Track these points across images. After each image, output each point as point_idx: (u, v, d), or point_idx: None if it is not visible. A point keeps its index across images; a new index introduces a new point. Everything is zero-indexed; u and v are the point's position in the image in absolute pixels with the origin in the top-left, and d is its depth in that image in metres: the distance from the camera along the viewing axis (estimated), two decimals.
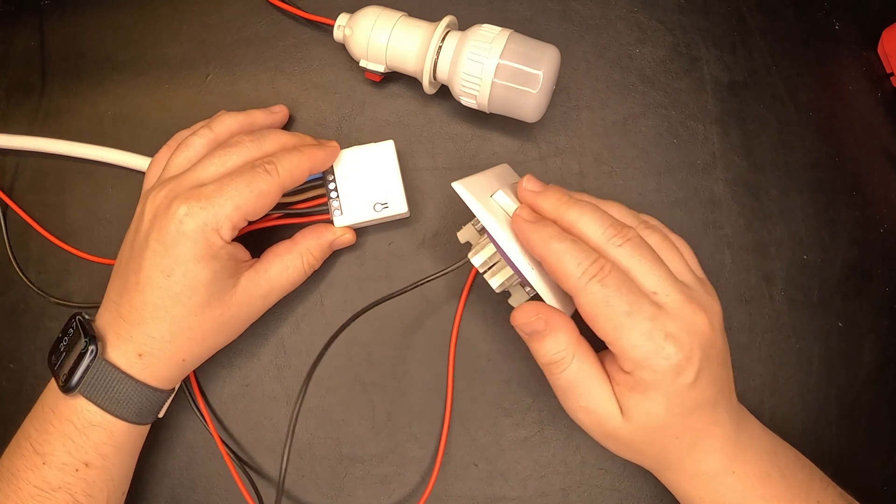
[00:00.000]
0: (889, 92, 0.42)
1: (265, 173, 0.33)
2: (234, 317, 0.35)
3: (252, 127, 0.38)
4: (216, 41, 0.43)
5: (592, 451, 0.39)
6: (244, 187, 0.33)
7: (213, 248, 0.33)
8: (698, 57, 0.42)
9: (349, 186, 0.38)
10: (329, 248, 0.39)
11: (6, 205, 0.43)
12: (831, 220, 0.40)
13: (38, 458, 0.33)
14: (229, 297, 0.34)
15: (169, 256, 0.32)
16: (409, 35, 0.38)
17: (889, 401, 0.39)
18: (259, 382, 0.40)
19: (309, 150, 0.36)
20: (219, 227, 0.33)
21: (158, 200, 0.34)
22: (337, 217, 0.38)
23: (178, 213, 0.32)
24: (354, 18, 0.39)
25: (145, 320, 0.33)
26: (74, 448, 0.33)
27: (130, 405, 0.34)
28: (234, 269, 0.35)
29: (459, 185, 0.33)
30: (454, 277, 0.40)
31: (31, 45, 0.44)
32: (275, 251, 0.37)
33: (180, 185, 0.33)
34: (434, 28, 0.37)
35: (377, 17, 0.38)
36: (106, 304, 0.35)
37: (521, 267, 0.32)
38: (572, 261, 0.30)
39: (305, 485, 0.40)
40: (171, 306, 0.33)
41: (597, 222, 0.31)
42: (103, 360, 0.33)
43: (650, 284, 0.30)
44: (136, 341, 0.33)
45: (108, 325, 0.34)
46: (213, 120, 0.37)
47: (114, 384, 0.33)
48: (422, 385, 0.40)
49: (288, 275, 0.37)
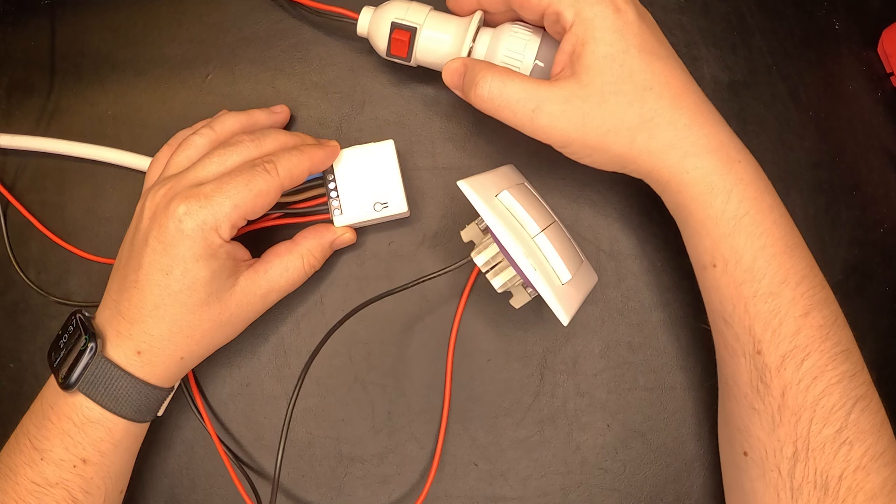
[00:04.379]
0: (889, 92, 0.42)
1: (264, 172, 0.34)
2: (234, 316, 0.35)
3: (253, 127, 0.38)
4: (216, 41, 0.43)
5: (592, 451, 0.39)
6: (243, 186, 0.33)
7: (212, 247, 0.33)
8: (698, 57, 0.42)
9: (349, 186, 0.38)
10: (330, 248, 0.39)
11: (7, 203, 0.43)
12: (831, 220, 0.40)
13: (37, 454, 0.33)
14: (228, 297, 0.34)
15: (168, 255, 0.32)
16: (440, 31, 0.37)
17: (889, 400, 0.39)
18: (259, 382, 0.40)
19: (309, 149, 0.36)
20: (217, 225, 0.33)
21: (158, 199, 0.34)
22: (337, 217, 0.38)
23: (178, 212, 0.32)
24: (380, 12, 0.38)
25: (144, 318, 0.33)
26: (72, 444, 0.33)
27: (129, 402, 0.34)
28: (234, 269, 0.35)
29: (465, 184, 0.33)
30: (455, 277, 0.40)
31: (32, 45, 0.44)
32: (275, 251, 0.37)
33: (179, 183, 0.34)
34: (466, 24, 0.37)
35: (407, 10, 0.37)
36: (105, 302, 0.35)
37: (524, 268, 0.32)
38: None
39: (305, 485, 0.40)
40: (169, 304, 0.33)
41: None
42: (102, 357, 0.33)
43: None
44: (136, 339, 0.33)
45: (108, 323, 0.34)
46: (215, 119, 0.37)
47: (113, 381, 0.33)
48: (422, 385, 0.40)
49: (288, 275, 0.37)
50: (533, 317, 0.40)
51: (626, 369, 0.40)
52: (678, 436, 0.39)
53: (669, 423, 0.39)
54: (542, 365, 0.40)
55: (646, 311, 0.40)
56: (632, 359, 0.40)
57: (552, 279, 0.33)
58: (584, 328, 0.40)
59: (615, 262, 0.40)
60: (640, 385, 0.39)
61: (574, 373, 0.40)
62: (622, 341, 0.40)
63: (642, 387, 0.39)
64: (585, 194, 0.41)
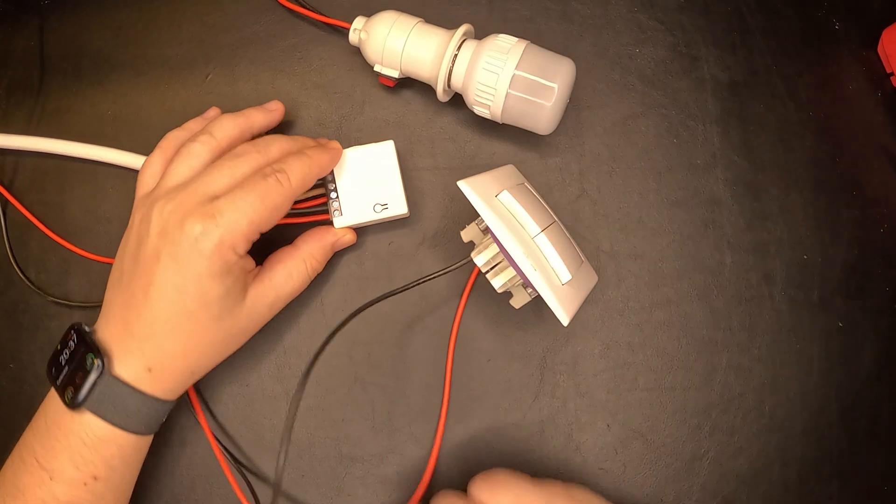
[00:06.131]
0: (889, 92, 0.42)
1: (278, 184, 0.33)
2: (244, 328, 0.35)
3: (251, 128, 0.37)
4: (216, 41, 0.43)
5: (592, 451, 0.39)
6: (259, 202, 0.32)
7: (228, 265, 0.32)
8: (698, 57, 0.42)
9: (349, 187, 0.38)
10: (331, 249, 0.39)
11: (6, 203, 0.43)
12: (831, 220, 0.40)
13: (45, 474, 0.32)
14: (239, 310, 0.34)
15: (181, 273, 0.32)
16: (425, 42, 0.37)
17: (889, 401, 0.39)
18: (259, 382, 0.40)
19: (315, 154, 0.35)
20: (235, 244, 0.32)
21: (167, 214, 0.32)
22: (337, 218, 0.38)
23: (193, 231, 0.31)
24: (371, 23, 0.39)
25: (156, 335, 0.33)
26: (83, 463, 0.32)
27: (139, 418, 0.33)
28: (244, 282, 0.34)
29: (465, 184, 0.33)
30: (455, 277, 0.40)
31: (31, 44, 0.44)
32: (277, 258, 0.37)
33: (189, 198, 0.32)
34: (451, 36, 0.37)
35: (394, 23, 0.38)
36: (108, 317, 0.34)
37: (524, 268, 0.32)
38: None
39: (305, 485, 0.40)
40: (184, 322, 0.32)
41: None
42: (110, 375, 0.32)
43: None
44: (147, 356, 0.33)
45: (114, 339, 0.33)
46: (213, 125, 0.36)
47: (122, 399, 0.32)
48: (422, 385, 0.40)
49: (292, 281, 0.37)
50: (533, 317, 0.40)
51: (626, 369, 0.40)
52: (678, 436, 0.39)
53: (669, 423, 0.39)
54: (542, 365, 0.40)
55: (646, 311, 0.40)
56: (632, 359, 0.40)
57: (552, 279, 0.33)
58: (584, 328, 0.40)
59: (615, 262, 0.40)
60: (640, 385, 0.39)
61: (574, 373, 0.40)
62: (622, 341, 0.40)
63: (642, 387, 0.39)
64: (585, 194, 0.41)
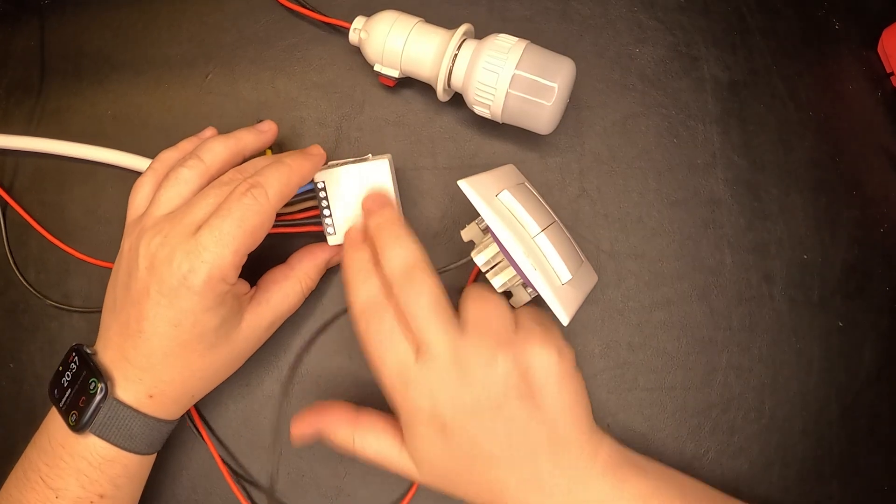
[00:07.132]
0: (889, 92, 0.42)
1: (255, 202, 0.32)
2: (242, 350, 0.36)
3: (242, 151, 0.36)
4: (216, 41, 0.43)
5: None
6: (238, 230, 0.32)
7: (221, 296, 0.32)
8: (698, 57, 0.42)
9: (342, 206, 0.37)
10: (325, 267, 0.39)
11: (6, 204, 0.43)
12: (831, 220, 0.40)
13: (51, 493, 0.33)
14: (236, 335, 0.34)
15: (174, 308, 0.32)
16: (425, 41, 0.37)
17: (889, 401, 0.39)
18: (258, 382, 0.40)
19: (294, 161, 0.34)
20: (224, 276, 0.32)
21: (154, 248, 0.32)
22: (330, 236, 0.38)
23: (181, 269, 0.31)
24: (370, 22, 0.39)
25: (154, 366, 0.33)
26: (89, 482, 0.33)
27: (143, 439, 0.34)
28: (239, 307, 0.34)
29: (465, 183, 0.33)
30: (455, 277, 0.40)
31: (31, 44, 0.44)
32: (272, 278, 0.37)
33: (175, 230, 0.32)
34: (451, 35, 0.37)
35: (394, 22, 0.38)
36: (106, 341, 0.34)
37: (525, 268, 0.32)
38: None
39: (305, 485, 0.40)
40: (181, 353, 0.33)
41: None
42: (114, 399, 0.32)
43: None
44: (147, 384, 0.33)
45: (114, 365, 0.33)
46: (202, 149, 0.35)
47: (126, 422, 0.33)
48: None
49: (288, 301, 0.37)
50: None
51: (626, 369, 0.40)
52: (678, 436, 0.39)
53: (669, 423, 0.39)
54: None
55: (646, 310, 0.40)
56: (632, 359, 0.40)
57: (552, 279, 0.33)
58: (584, 328, 0.40)
59: (615, 262, 0.40)
60: (640, 385, 0.39)
61: None
62: (622, 341, 0.40)
63: (642, 387, 0.39)
64: (585, 194, 0.41)
